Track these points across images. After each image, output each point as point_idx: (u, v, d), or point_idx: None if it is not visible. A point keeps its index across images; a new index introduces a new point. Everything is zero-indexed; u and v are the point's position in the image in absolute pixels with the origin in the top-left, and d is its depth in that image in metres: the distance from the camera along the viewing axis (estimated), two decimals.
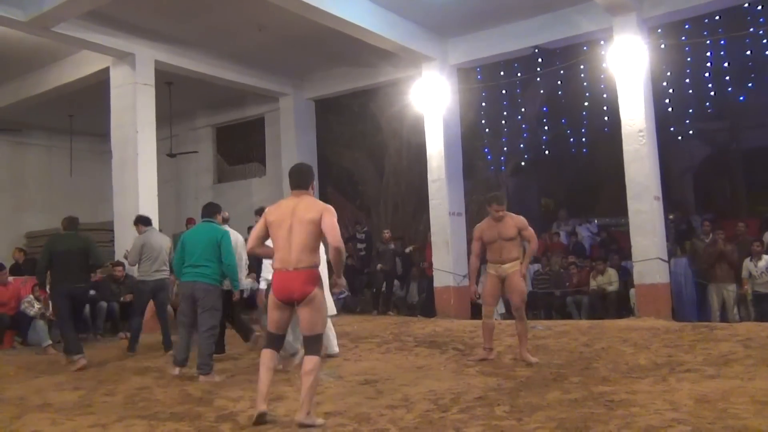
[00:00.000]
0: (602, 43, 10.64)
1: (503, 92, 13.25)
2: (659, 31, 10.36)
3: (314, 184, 4.53)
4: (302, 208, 4.31)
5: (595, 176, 14.14)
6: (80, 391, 5.73)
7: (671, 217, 11.35)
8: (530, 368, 5.92)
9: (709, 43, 11.29)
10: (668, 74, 11.74)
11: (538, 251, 12.33)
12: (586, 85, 12.49)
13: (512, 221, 6.29)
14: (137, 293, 8.33)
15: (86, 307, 9.79)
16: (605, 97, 12.08)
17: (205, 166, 15.76)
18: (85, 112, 13.98)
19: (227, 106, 14.99)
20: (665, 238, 9.69)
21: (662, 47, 10.50)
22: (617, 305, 10.22)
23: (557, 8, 10.22)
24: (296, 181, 4.48)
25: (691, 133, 12.93)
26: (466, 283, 11.33)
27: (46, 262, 7.28)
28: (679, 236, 11.30)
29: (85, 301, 7.74)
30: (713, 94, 11.97)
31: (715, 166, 13.88)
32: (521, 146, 14.23)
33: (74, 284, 7.24)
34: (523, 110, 13.85)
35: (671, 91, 11.84)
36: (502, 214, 6.27)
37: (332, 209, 4.33)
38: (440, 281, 11.20)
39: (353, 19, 9.49)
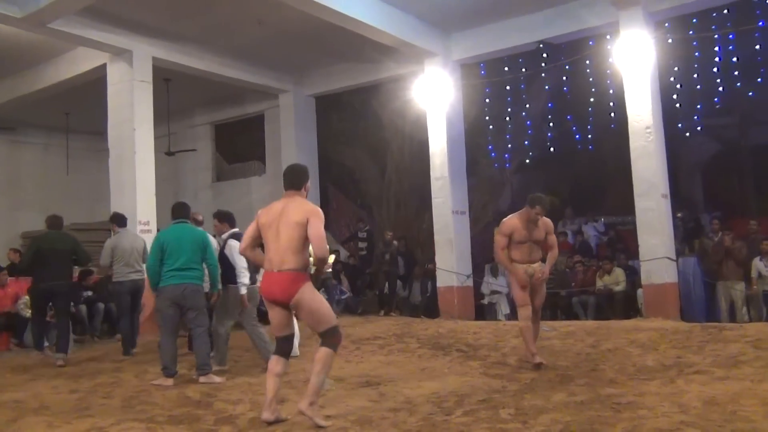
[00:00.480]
0: (608, 37, 10.61)
1: (507, 88, 13.26)
2: (666, 25, 10.34)
3: (308, 185, 4.52)
4: (290, 209, 4.32)
5: (601, 174, 14.12)
6: (77, 393, 5.73)
7: (679, 215, 11.33)
8: (535, 370, 5.91)
9: (717, 37, 11.28)
10: (676, 69, 11.73)
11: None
12: (591, 80, 12.49)
13: (543, 224, 6.23)
14: (116, 296, 8.26)
15: (83, 308, 9.84)
16: (611, 92, 12.08)
17: (203, 164, 15.76)
18: (81, 109, 13.97)
19: (226, 103, 14.99)
20: (673, 236, 9.67)
21: (669, 42, 10.48)
22: (624, 305, 10.20)
23: (562, 2, 10.19)
24: (289, 181, 4.49)
25: (699, 129, 12.91)
26: (470, 283, 11.35)
27: (29, 260, 7.29)
28: (687, 235, 11.28)
29: (67, 298, 7.62)
30: (722, 89, 11.96)
31: (724, 162, 13.85)
32: (526, 143, 14.23)
33: (55, 281, 7.29)
34: (527, 106, 13.85)
35: (679, 86, 11.84)
36: (541, 218, 6.20)
37: (320, 213, 4.32)
38: (444, 281, 11.19)
39: (354, 14, 9.48)
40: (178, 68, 11.48)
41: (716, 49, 11.64)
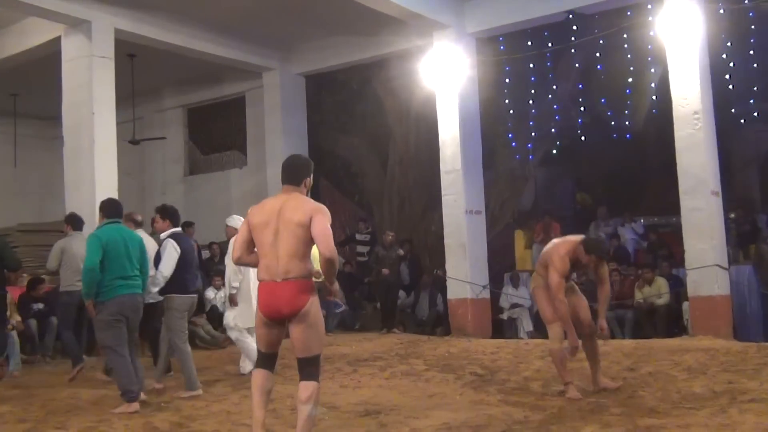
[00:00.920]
0: (649, 7, 10.60)
1: (531, 66, 13.24)
2: None
3: (309, 181, 4.50)
4: (290, 208, 4.28)
5: (640, 167, 14.10)
6: (26, 423, 5.73)
7: (732, 216, 11.32)
8: (563, 397, 5.92)
9: None
10: (729, 44, 11.71)
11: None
12: (629, 57, 12.46)
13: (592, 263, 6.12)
14: (62, 306, 8.28)
15: (33, 323, 9.84)
16: (653, 71, 12.05)
17: (174, 154, 15.76)
18: (31, 90, 13.99)
19: (201, 83, 14.99)
20: (725, 241, 9.66)
21: (721, 12, 10.47)
22: (667, 321, 10.21)
23: None
24: (288, 175, 4.47)
25: (756, 115, 12.89)
26: (485, 294, 11.35)
27: None
28: (741, 239, 11.28)
29: None
30: None
31: None
32: (552, 131, 14.21)
33: None
34: (554, 88, 13.83)
35: (732, 64, 11.82)
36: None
37: (325, 210, 4.30)
38: (455, 293, 11.19)
39: None
40: (144, 42, 11.48)
41: None
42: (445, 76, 11.26)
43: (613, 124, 13.84)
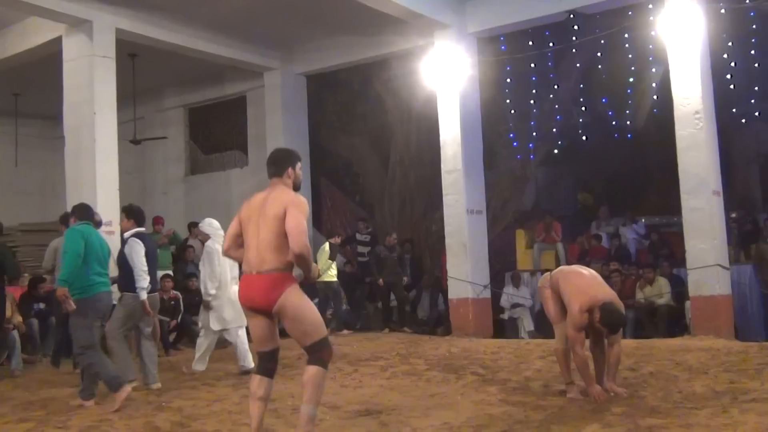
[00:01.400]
0: (650, 6, 10.60)
1: (532, 66, 13.25)
2: None
3: (292, 170, 4.46)
4: (269, 200, 4.33)
5: (642, 167, 14.10)
6: (27, 423, 5.74)
7: (733, 215, 11.31)
8: (564, 397, 5.91)
9: None
10: (730, 44, 11.71)
11: (572, 255, 12.44)
12: (631, 57, 12.47)
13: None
14: (56, 304, 8.23)
15: (35, 322, 9.84)
16: (654, 71, 12.05)
17: (175, 154, 15.77)
18: (32, 90, 13.99)
19: (202, 83, 14.99)
20: (726, 241, 9.66)
21: (722, 12, 10.47)
22: (669, 321, 10.21)
23: None
24: (271, 168, 4.51)
25: (757, 114, 12.90)
26: (486, 294, 11.35)
27: None
28: (743, 239, 11.28)
29: None
30: None
31: None
32: (554, 131, 14.22)
33: None
34: (555, 87, 13.84)
35: (733, 64, 11.82)
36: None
37: (301, 202, 4.28)
38: (456, 293, 11.19)
39: None
40: (145, 42, 11.48)
41: None
42: (446, 75, 11.25)
43: (614, 123, 13.86)
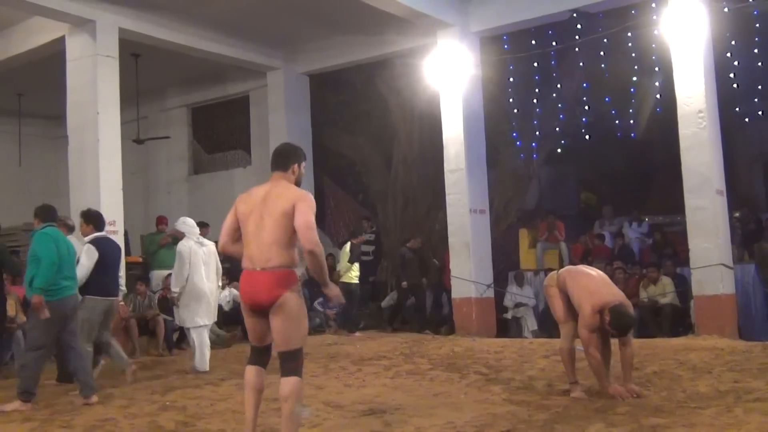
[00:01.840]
0: (654, 5, 10.59)
1: (535, 65, 13.23)
2: None
3: (297, 167, 4.40)
4: (273, 195, 4.22)
5: (645, 166, 14.10)
6: (32, 422, 5.75)
7: (737, 214, 11.31)
8: (567, 396, 5.91)
9: None
10: (733, 43, 11.68)
11: (575, 255, 12.43)
12: (634, 56, 12.45)
13: None
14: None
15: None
16: (657, 70, 12.03)
17: (178, 153, 15.78)
18: (36, 90, 14.00)
19: (205, 82, 15.00)
20: (730, 240, 9.65)
21: (726, 11, 10.45)
22: (672, 321, 10.19)
23: None
24: (276, 160, 4.42)
25: (760, 114, 12.88)
26: (489, 293, 11.35)
27: None
28: (746, 238, 11.26)
29: None
30: None
31: None
32: (557, 130, 14.20)
33: None
34: (558, 86, 13.82)
35: (737, 63, 11.79)
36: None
37: (309, 198, 4.20)
38: (459, 292, 11.19)
39: None
40: (148, 41, 11.48)
41: None
42: (449, 75, 11.25)
43: (617, 123, 13.84)
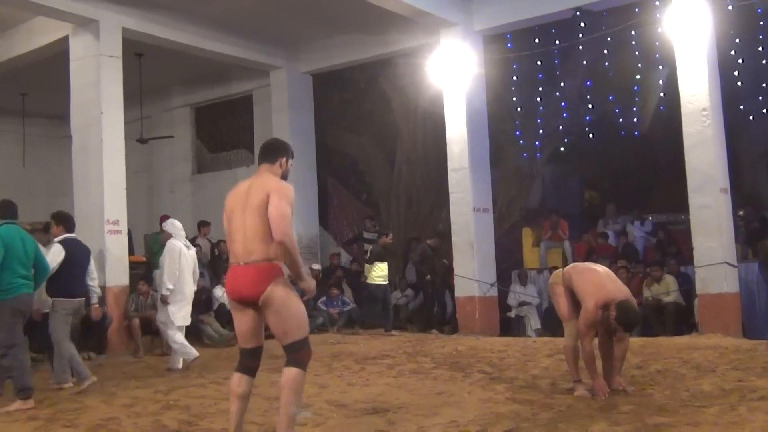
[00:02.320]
0: (657, 3, 10.56)
1: (538, 63, 13.20)
2: None
3: (285, 161, 4.36)
4: (254, 187, 4.20)
5: (649, 164, 14.06)
6: (36, 421, 5.76)
7: (741, 213, 11.28)
8: (571, 395, 5.90)
9: None
10: (737, 41, 11.65)
11: (579, 253, 12.41)
12: (637, 54, 12.42)
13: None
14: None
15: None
16: (661, 68, 12.01)
17: (182, 153, 15.80)
18: (40, 90, 14.03)
19: (208, 82, 15.02)
20: (734, 238, 9.63)
21: (730, 8, 10.42)
22: (676, 319, 10.18)
23: None
24: (263, 153, 4.42)
25: (765, 111, 12.83)
26: (493, 292, 11.34)
27: None
28: (750, 236, 11.23)
29: None
30: None
31: None
32: (560, 128, 14.18)
33: None
34: (562, 85, 13.80)
35: (741, 61, 11.75)
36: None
37: (285, 188, 4.16)
38: (463, 290, 11.20)
39: None
40: (151, 41, 11.50)
41: None
42: (452, 74, 11.25)
43: (621, 121, 13.80)
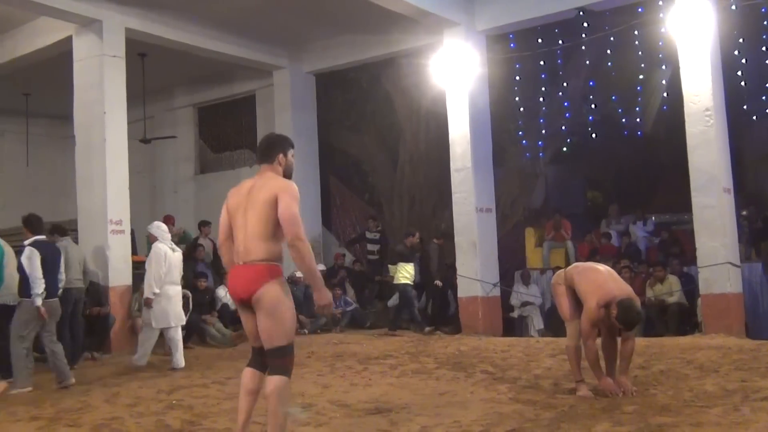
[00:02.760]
0: (660, 3, 10.55)
1: (541, 63, 13.20)
2: None
3: (282, 157, 4.31)
4: (257, 187, 4.17)
5: (651, 164, 14.03)
6: (38, 421, 5.77)
7: (744, 213, 11.26)
8: (574, 395, 5.90)
9: None
10: (741, 41, 11.64)
11: (582, 253, 12.40)
12: (641, 54, 12.41)
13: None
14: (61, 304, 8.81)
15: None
16: (664, 68, 12.00)
17: (185, 153, 15.82)
18: (43, 90, 14.05)
19: (211, 82, 15.03)
20: (737, 238, 9.62)
21: (733, 8, 10.41)
22: (679, 319, 10.16)
23: None
24: (259, 153, 4.39)
25: None
26: (496, 292, 11.33)
27: None
28: (753, 236, 11.22)
29: None
30: None
31: None
32: (563, 128, 14.17)
33: None
34: (565, 85, 13.79)
35: (744, 61, 11.74)
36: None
37: (292, 189, 4.12)
38: (466, 290, 11.18)
39: None
40: (155, 41, 11.51)
41: None
42: (455, 74, 11.24)
43: (623, 121, 13.79)
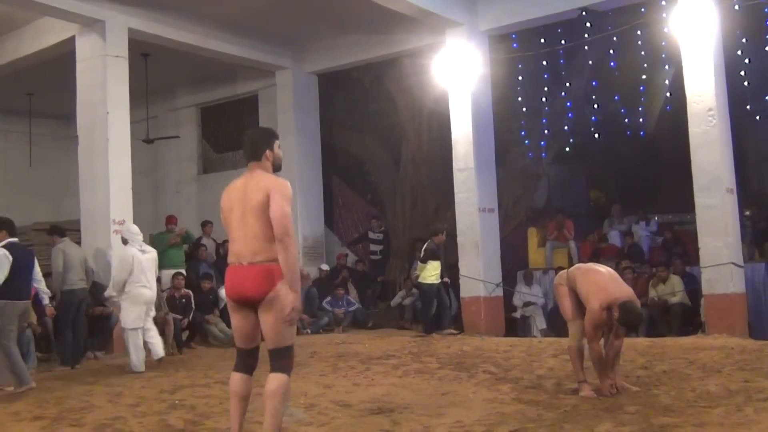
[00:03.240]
0: (663, 3, 10.53)
1: (544, 63, 13.18)
2: None
3: (269, 152, 4.29)
4: (251, 188, 4.17)
5: (654, 164, 14.03)
6: (41, 421, 5.78)
7: (747, 213, 11.25)
8: (576, 395, 5.89)
9: None
10: (744, 41, 11.61)
11: (584, 253, 12.40)
12: (643, 54, 12.38)
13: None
14: (64, 305, 8.99)
15: (49, 321, 9.91)
16: (667, 68, 11.98)
17: (187, 153, 15.83)
18: (46, 90, 14.07)
19: (214, 82, 15.04)
20: (740, 238, 9.61)
21: (736, 8, 10.39)
22: (682, 320, 10.16)
23: None
24: (247, 152, 4.36)
25: None
26: (498, 292, 11.33)
27: None
28: (757, 236, 11.21)
29: None
30: None
31: None
32: (565, 128, 14.15)
33: None
34: (567, 85, 13.77)
35: (747, 61, 11.72)
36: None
37: (284, 186, 4.15)
38: (468, 291, 11.19)
39: None
40: (158, 41, 11.52)
41: None
42: (457, 74, 11.25)
43: (626, 121, 13.77)
